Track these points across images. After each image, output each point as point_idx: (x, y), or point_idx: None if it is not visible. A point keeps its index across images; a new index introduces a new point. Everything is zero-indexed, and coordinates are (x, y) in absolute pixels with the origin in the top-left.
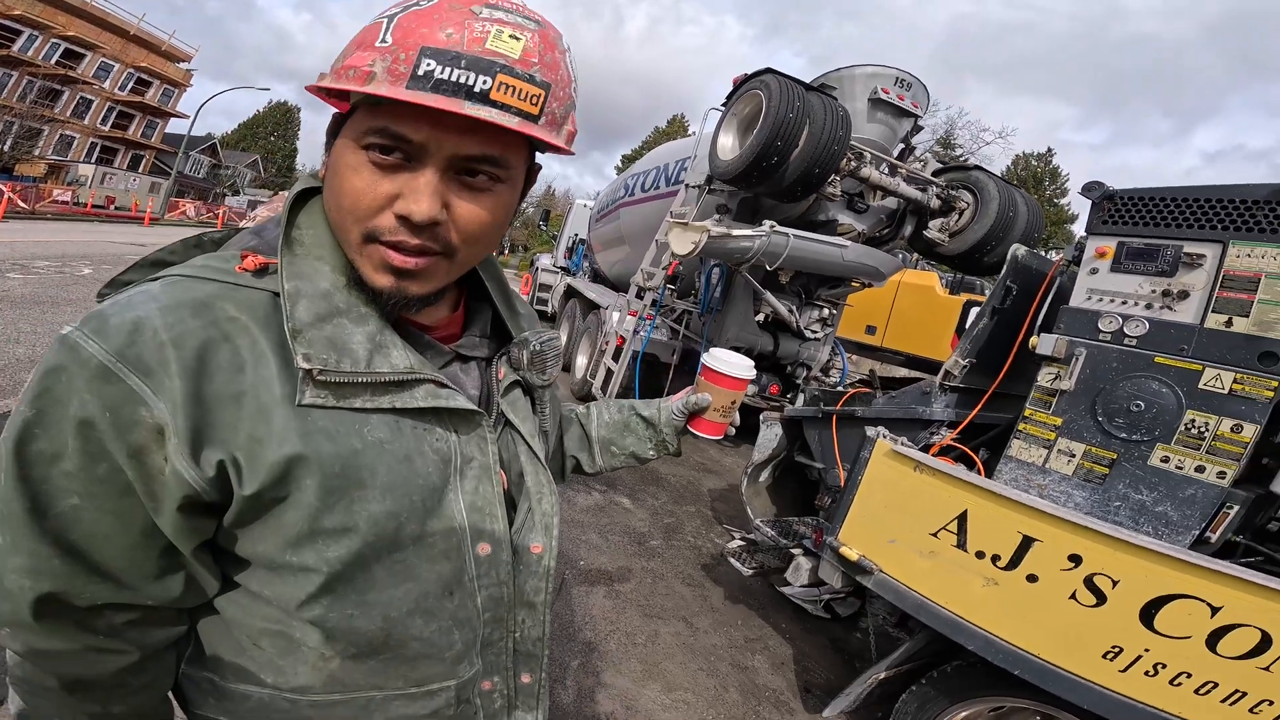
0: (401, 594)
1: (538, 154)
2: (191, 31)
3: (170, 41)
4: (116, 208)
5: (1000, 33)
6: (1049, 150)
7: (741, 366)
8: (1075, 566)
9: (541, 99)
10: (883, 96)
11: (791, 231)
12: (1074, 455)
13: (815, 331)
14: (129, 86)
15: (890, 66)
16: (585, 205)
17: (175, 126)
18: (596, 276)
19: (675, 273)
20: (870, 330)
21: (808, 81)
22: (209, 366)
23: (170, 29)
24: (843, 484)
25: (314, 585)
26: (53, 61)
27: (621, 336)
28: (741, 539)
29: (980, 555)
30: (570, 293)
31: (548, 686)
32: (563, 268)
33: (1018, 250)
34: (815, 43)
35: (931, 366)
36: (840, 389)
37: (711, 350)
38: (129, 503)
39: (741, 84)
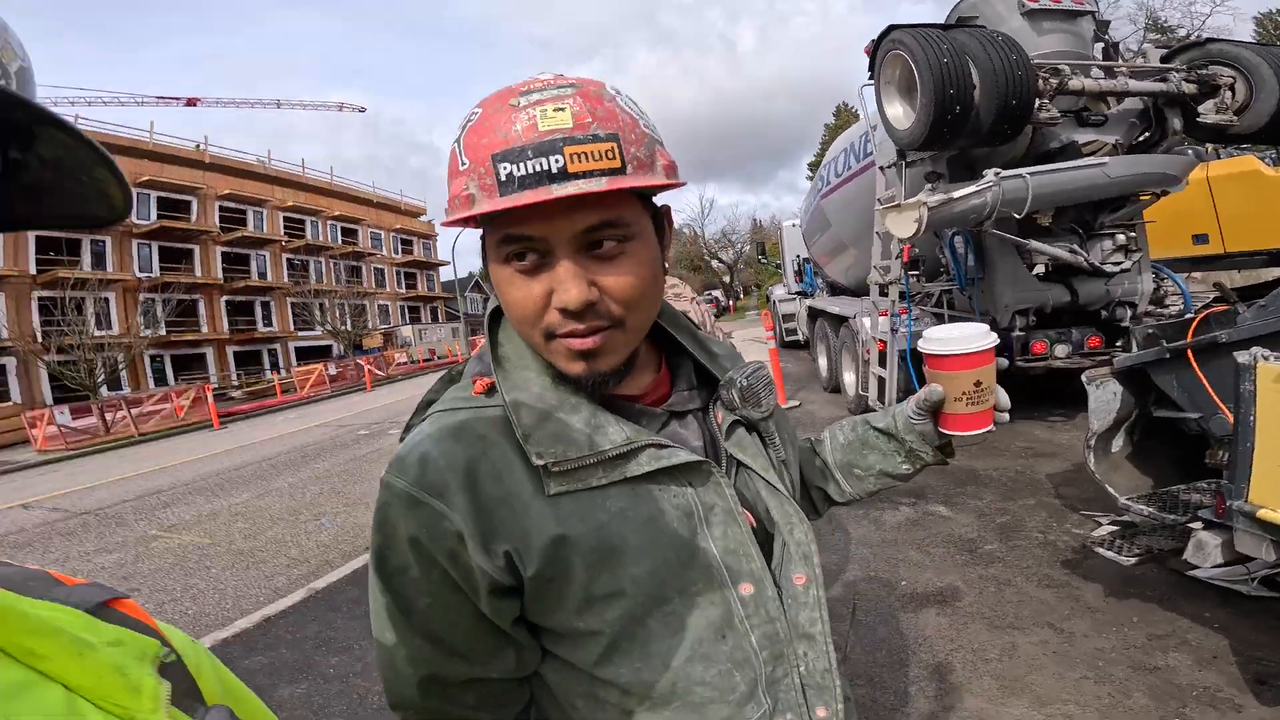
0: (677, 643)
1: (654, 198)
2: (412, 188)
3: (404, 201)
4: (439, 357)
5: None
6: None
7: (964, 339)
8: None
9: (616, 150)
10: (1033, 6)
11: (1024, 171)
12: None
13: (1118, 263)
14: (399, 249)
15: None
16: (793, 225)
17: (445, 274)
18: (835, 289)
19: (912, 257)
20: (1200, 239)
21: (942, 22)
22: (477, 479)
23: (395, 190)
24: (1233, 431)
25: (602, 645)
26: (339, 241)
27: (881, 340)
28: (1111, 524)
29: None
30: (814, 314)
31: (854, 717)
32: (799, 292)
33: None
34: None
35: None
36: (1187, 316)
37: (924, 333)
38: (460, 596)
39: (874, 53)
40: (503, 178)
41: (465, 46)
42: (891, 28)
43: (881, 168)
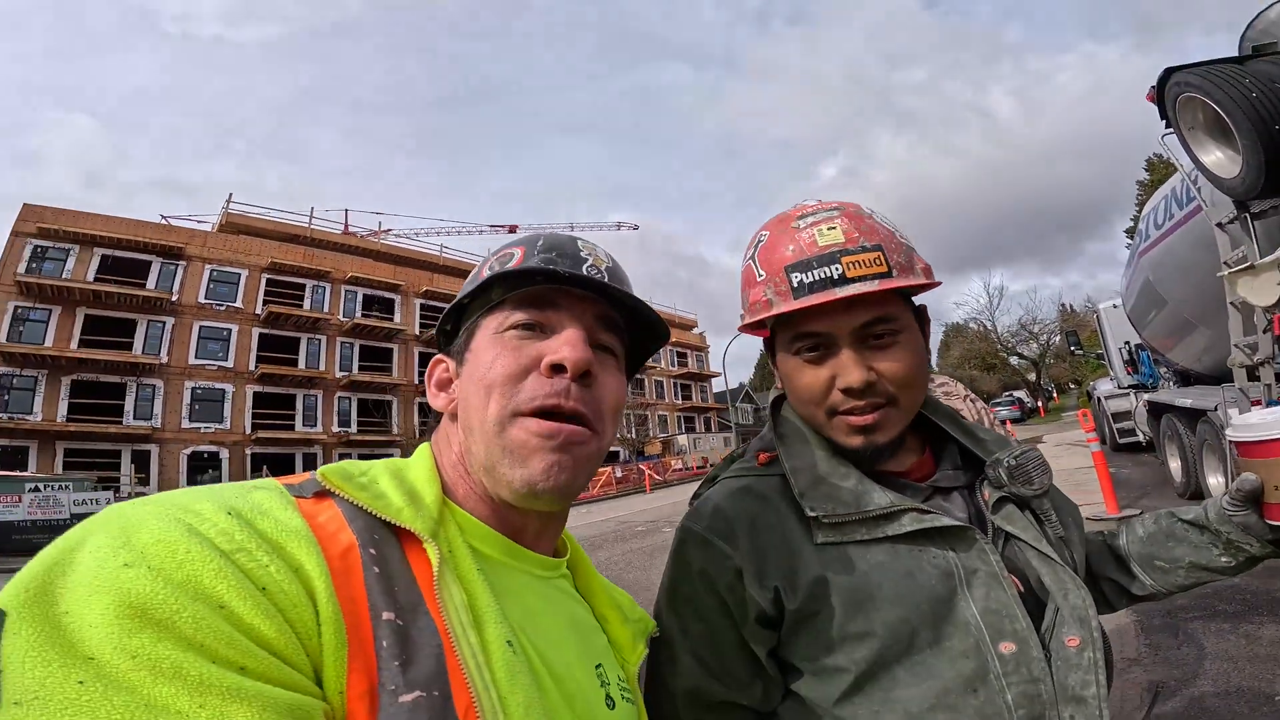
0: (922, 691)
1: (915, 298)
2: (682, 300)
3: (678, 314)
4: (711, 464)
5: None
6: None
7: (1275, 423)
8: None
9: (882, 258)
10: None
11: None
12: None
13: None
14: (675, 362)
15: None
16: (1114, 306)
17: (717, 385)
18: (1186, 379)
19: None
20: None
21: (1234, 55)
22: (758, 527)
23: (669, 304)
24: None
25: (846, 683)
26: None
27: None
28: None
29: None
30: (1157, 409)
31: None
32: (1134, 386)
33: None
34: (1205, 9)
35: None
36: None
37: (1233, 420)
38: (728, 623)
39: (1159, 99)
40: (795, 284)
41: (712, 159)
42: (1169, 70)
43: (1219, 225)
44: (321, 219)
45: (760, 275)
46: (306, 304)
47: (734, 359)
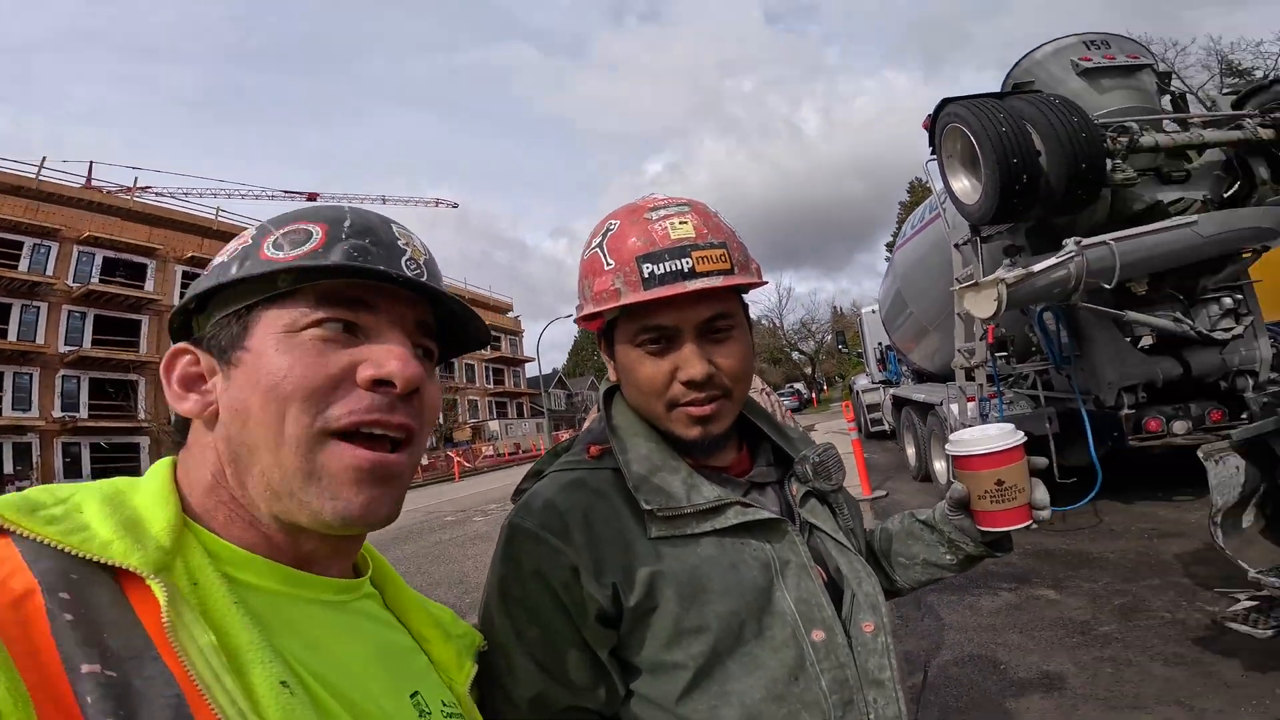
0: (753, 682)
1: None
2: (499, 283)
3: (493, 296)
4: (523, 451)
5: None
6: None
7: (980, 440)
8: None
9: (727, 254)
10: (1087, 65)
11: (1108, 237)
12: None
13: (1229, 328)
14: (489, 346)
15: (1067, 36)
16: (873, 311)
17: (530, 370)
18: (921, 376)
19: (998, 338)
20: None
21: (997, 91)
22: (593, 522)
23: (484, 284)
24: None
25: (685, 680)
26: None
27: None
28: (1250, 599)
29: None
30: (899, 402)
31: None
32: (882, 381)
33: None
34: (981, 49)
35: None
36: None
37: (951, 435)
38: (566, 624)
39: (932, 126)
40: (646, 275)
41: (545, 145)
42: (945, 101)
43: (956, 245)
44: (60, 170)
45: (609, 264)
46: (24, 264)
47: (548, 345)
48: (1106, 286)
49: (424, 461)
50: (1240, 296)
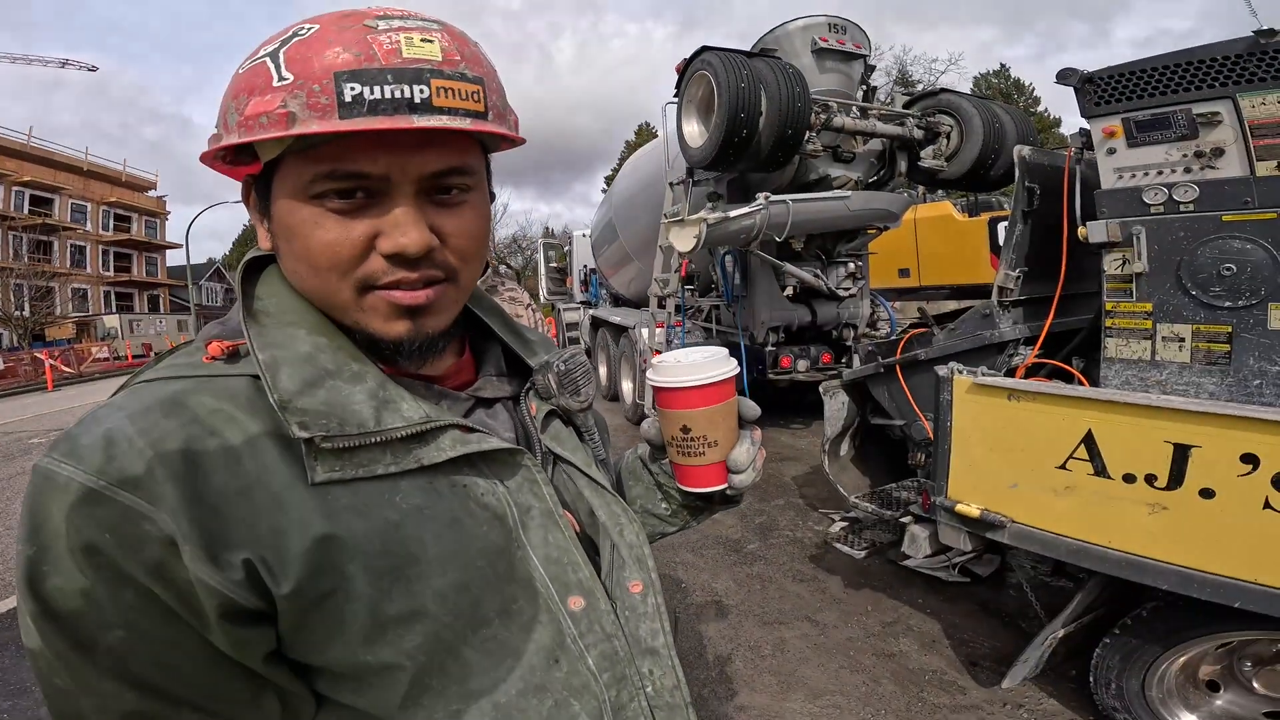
0: (504, 674)
1: (490, 153)
2: (144, 161)
3: (127, 171)
4: (155, 353)
5: None
6: (1003, 66)
7: (675, 368)
8: (1254, 469)
9: (481, 94)
10: (823, 45)
11: (788, 197)
12: (1183, 339)
13: (848, 289)
14: (110, 225)
15: (819, 15)
16: (584, 235)
17: (176, 258)
18: (618, 301)
19: (689, 273)
20: (904, 273)
21: (748, 50)
22: (200, 465)
23: (118, 159)
24: (930, 436)
25: (405, 684)
26: (25, 211)
27: (656, 350)
28: (843, 520)
29: (1130, 479)
30: (597, 323)
31: None
32: (583, 302)
33: (1022, 151)
34: (737, 19)
35: (979, 291)
36: (894, 338)
37: (652, 360)
38: (178, 626)
39: (684, 69)
40: (347, 98)
41: (255, 18)
42: (704, 48)
43: (671, 184)
44: None
45: (284, 78)
46: None
47: (205, 233)
48: (778, 239)
49: None
50: (861, 264)
